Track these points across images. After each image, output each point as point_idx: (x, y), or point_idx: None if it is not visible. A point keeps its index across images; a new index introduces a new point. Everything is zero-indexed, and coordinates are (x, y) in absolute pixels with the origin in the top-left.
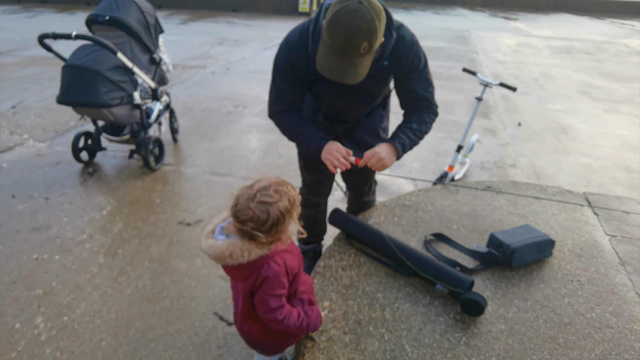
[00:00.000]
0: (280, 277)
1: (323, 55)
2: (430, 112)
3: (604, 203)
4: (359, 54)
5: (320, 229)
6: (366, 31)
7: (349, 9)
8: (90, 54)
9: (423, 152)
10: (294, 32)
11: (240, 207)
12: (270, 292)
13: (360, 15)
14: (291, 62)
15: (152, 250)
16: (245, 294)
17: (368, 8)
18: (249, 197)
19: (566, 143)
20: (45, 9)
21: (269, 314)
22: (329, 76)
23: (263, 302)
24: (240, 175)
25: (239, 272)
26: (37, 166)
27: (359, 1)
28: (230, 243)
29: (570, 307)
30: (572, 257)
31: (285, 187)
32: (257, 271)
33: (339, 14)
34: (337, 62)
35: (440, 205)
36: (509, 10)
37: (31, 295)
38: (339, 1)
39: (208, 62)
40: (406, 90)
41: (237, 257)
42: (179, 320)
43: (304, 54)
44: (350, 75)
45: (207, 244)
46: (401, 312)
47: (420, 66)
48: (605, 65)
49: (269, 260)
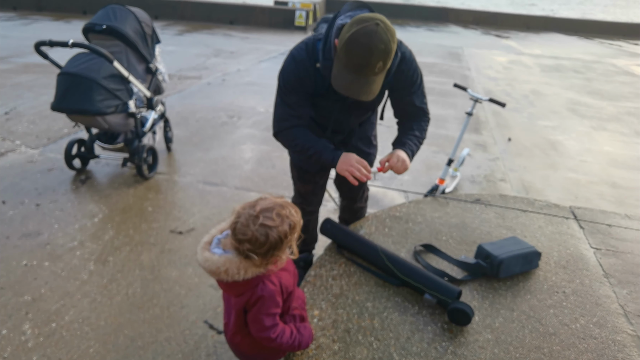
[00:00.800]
0: (275, 296)
1: (338, 73)
2: (426, 120)
3: (589, 217)
4: (373, 73)
5: (311, 237)
6: (383, 51)
7: (367, 30)
8: (86, 62)
9: (415, 166)
10: (299, 48)
11: (239, 226)
12: (264, 312)
13: (378, 37)
14: (300, 76)
15: (143, 258)
16: (238, 311)
17: (385, 30)
18: (250, 217)
19: (555, 159)
20: (41, 17)
21: (263, 333)
22: (344, 92)
23: (257, 321)
24: (234, 185)
25: (234, 288)
26: (28, 172)
27: (376, 23)
28: (226, 259)
29: (556, 318)
30: (558, 269)
31: (288, 210)
32: (252, 289)
33: (358, 35)
34: (353, 80)
35: (430, 217)
36: (501, 28)
37: (19, 302)
38: (356, 22)
39: (204, 73)
40: (404, 103)
41: (232, 274)
42: (168, 328)
43: (312, 69)
44: (365, 93)
45: (204, 257)
46: (390, 321)
47: (418, 80)
48: (593, 84)
49: (265, 280)
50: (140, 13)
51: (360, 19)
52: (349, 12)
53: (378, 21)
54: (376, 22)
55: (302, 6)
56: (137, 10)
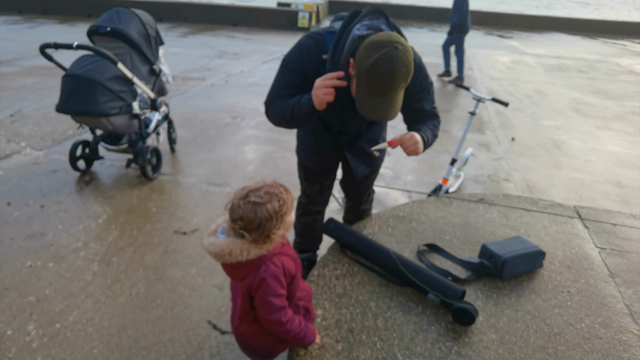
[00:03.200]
0: (279, 276)
1: (362, 99)
2: (437, 121)
3: (594, 216)
4: (396, 92)
5: (316, 237)
6: (405, 74)
7: (388, 56)
8: (90, 63)
9: (418, 166)
10: (307, 37)
11: (232, 206)
12: (271, 293)
13: (400, 62)
14: (302, 61)
15: (147, 259)
16: (243, 294)
17: (404, 52)
18: (241, 197)
19: (559, 158)
20: (47, 20)
21: (273, 315)
22: (371, 118)
23: (265, 303)
24: (237, 185)
25: (238, 271)
26: (33, 174)
27: (395, 47)
28: (230, 241)
29: (560, 318)
30: (563, 269)
31: (278, 189)
32: (255, 271)
33: (380, 62)
34: (378, 104)
35: (434, 217)
36: (503, 28)
37: (24, 302)
38: (375, 47)
39: (207, 74)
40: (414, 108)
41: (236, 256)
42: (172, 328)
43: (317, 60)
44: (390, 113)
45: (209, 242)
46: (393, 321)
47: (428, 86)
48: (597, 83)
49: (267, 261)
50: (144, 15)
51: (379, 43)
52: (365, 19)
53: (397, 44)
54: (395, 45)
55: (305, 7)
56: (141, 12)
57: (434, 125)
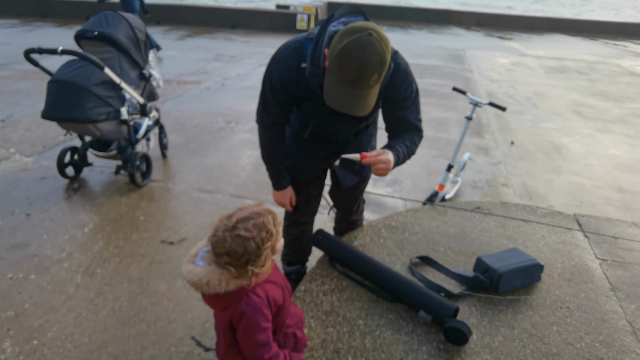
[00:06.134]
0: (261, 309)
1: (332, 88)
2: (418, 135)
3: (595, 225)
4: (368, 86)
5: (304, 249)
6: (378, 63)
7: (360, 41)
8: (77, 69)
9: (415, 170)
10: (285, 47)
11: (217, 239)
12: (253, 327)
13: (372, 48)
14: (281, 77)
15: (132, 270)
16: (224, 326)
17: (378, 40)
18: (227, 229)
19: (559, 162)
20: (45, 23)
21: (255, 351)
22: (339, 109)
23: (248, 338)
24: (228, 192)
25: (217, 302)
26: (21, 181)
27: (369, 33)
28: (208, 271)
29: (559, 336)
30: (562, 282)
31: (266, 218)
32: (236, 302)
33: (350, 47)
34: (347, 95)
35: (428, 227)
36: (503, 30)
37: (1, 317)
38: (347, 33)
39: (203, 77)
40: (397, 117)
41: (214, 286)
42: (154, 345)
43: (295, 69)
44: (360, 107)
45: (187, 269)
46: (382, 341)
47: (413, 95)
48: (598, 85)
49: (249, 292)
50: (133, 19)
51: (352, 29)
52: (342, 17)
53: (371, 31)
54: (369, 32)
55: (303, 10)
56: (130, 16)
57: (413, 141)
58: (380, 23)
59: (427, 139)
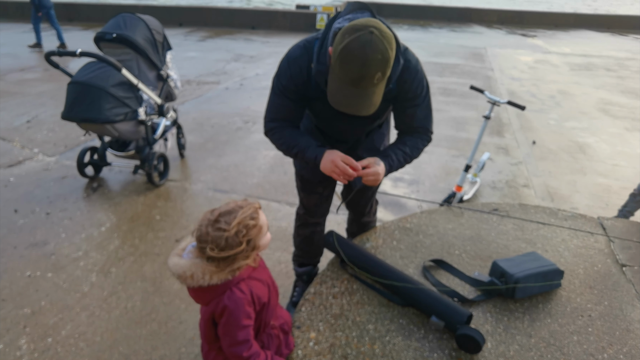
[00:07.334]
0: (244, 305)
1: (335, 88)
2: (425, 139)
3: (620, 230)
4: (372, 84)
5: (316, 250)
6: (380, 62)
7: (361, 40)
8: (95, 70)
9: (433, 171)
10: (295, 47)
11: (200, 233)
12: (234, 324)
13: (373, 47)
14: (292, 77)
15: (146, 269)
16: (206, 321)
17: (380, 38)
18: (209, 222)
19: (583, 163)
20: (72, 27)
21: (235, 348)
22: (343, 109)
23: (228, 334)
24: (243, 192)
25: (201, 295)
26: (43, 180)
27: (370, 31)
28: (192, 264)
29: (580, 347)
30: (583, 289)
31: (249, 213)
32: (218, 296)
33: (351, 46)
34: (351, 94)
35: (443, 229)
36: (526, 27)
37: (19, 315)
38: (348, 31)
39: (222, 78)
40: (406, 115)
41: (197, 279)
42: (164, 345)
43: (306, 69)
44: (365, 107)
45: (173, 262)
46: (392, 347)
47: (423, 93)
48: (627, 82)
49: (233, 287)
50: (151, 20)
51: (353, 28)
52: (348, 14)
53: (372, 28)
54: (370, 29)
55: (323, 9)
56: (148, 17)
57: (415, 146)
58: (400, 22)
59: (446, 138)
